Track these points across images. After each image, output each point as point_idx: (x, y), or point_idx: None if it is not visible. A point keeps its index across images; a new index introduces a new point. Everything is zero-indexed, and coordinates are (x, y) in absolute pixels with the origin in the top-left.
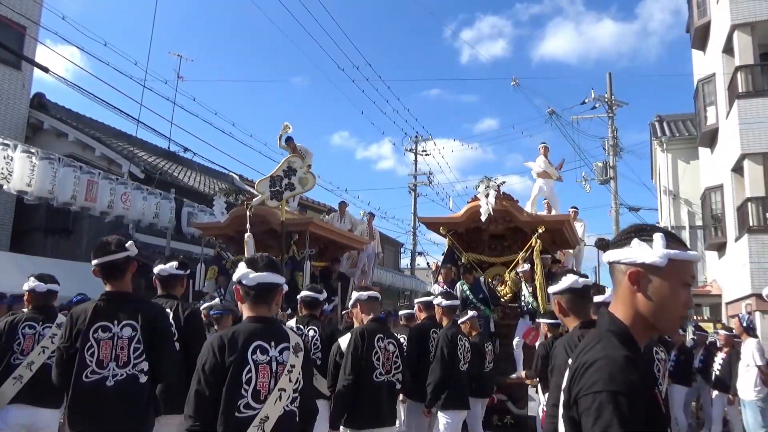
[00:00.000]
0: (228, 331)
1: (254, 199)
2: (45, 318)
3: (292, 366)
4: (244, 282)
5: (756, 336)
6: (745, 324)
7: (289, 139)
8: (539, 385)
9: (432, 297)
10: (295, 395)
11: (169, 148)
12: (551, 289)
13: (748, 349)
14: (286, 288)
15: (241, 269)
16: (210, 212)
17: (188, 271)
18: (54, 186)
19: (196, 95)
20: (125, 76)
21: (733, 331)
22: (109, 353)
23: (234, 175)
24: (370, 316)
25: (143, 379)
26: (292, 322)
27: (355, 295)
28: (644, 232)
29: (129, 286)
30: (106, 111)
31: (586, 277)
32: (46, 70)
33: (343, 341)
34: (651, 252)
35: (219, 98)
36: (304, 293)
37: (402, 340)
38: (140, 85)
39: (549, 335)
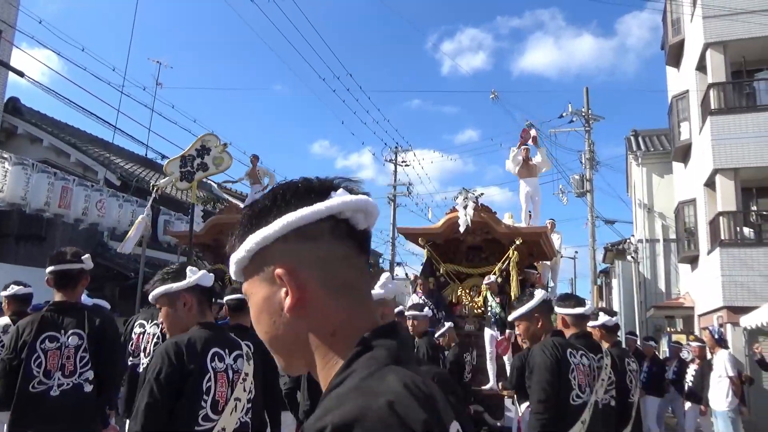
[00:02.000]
0: (182, 337)
1: (161, 180)
2: None
3: (246, 374)
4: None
5: (727, 347)
6: (716, 336)
7: (255, 157)
8: (515, 396)
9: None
10: (249, 405)
11: (146, 155)
12: (561, 310)
13: (720, 360)
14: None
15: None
16: (187, 220)
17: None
18: (27, 192)
19: (174, 102)
20: (103, 81)
21: (705, 343)
22: (56, 363)
23: (212, 183)
24: None
25: (88, 388)
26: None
27: None
28: None
29: (78, 298)
30: (82, 117)
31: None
32: (21, 74)
33: None
34: None
35: (198, 106)
36: (228, 298)
37: None
38: (118, 91)
39: (524, 346)
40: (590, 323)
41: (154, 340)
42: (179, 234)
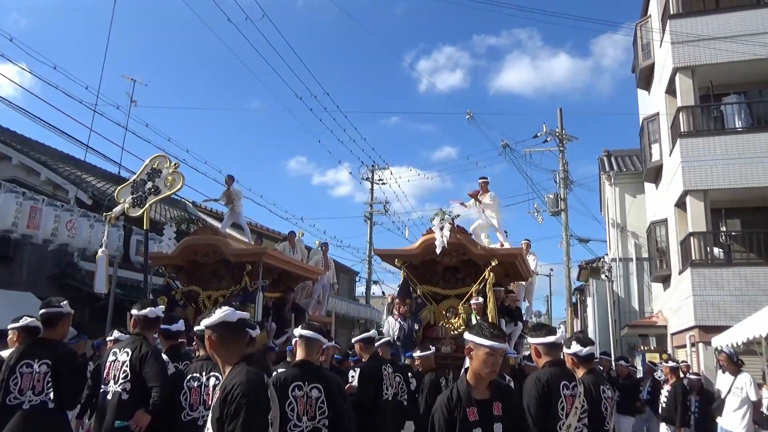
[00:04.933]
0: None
1: (114, 209)
2: None
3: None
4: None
5: (742, 369)
6: (734, 359)
7: (230, 177)
8: None
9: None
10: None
11: (119, 173)
12: (533, 340)
13: (742, 383)
14: None
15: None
16: (159, 240)
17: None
18: None
19: (149, 121)
20: (75, 100)
21: (681, 362)
22: (28, 384)
23: (187, 201)
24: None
25: (51, 405)
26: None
27: (296, 331)
28: None
29: (58, 335)
30: (53, 134)
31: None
32: None
33: None
34: None
35: (173, 124)
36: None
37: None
38: (91, 109)
39: None
40: (565, 351)
41: (123, 367)
42: (152, 255)
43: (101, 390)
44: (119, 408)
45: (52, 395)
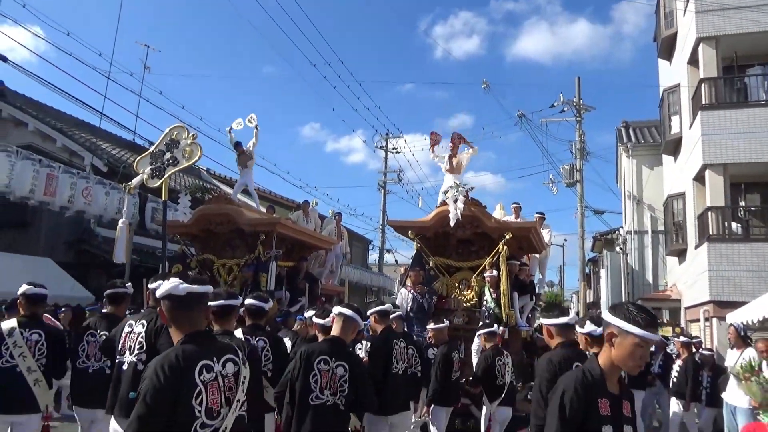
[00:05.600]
0: (169, 355)
1: (133, 180)
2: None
3: (245, 377)
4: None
5: (751, 344)
6: (741, 333)
7: (238, 145)
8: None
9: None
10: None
11: (134, 140)
12: (546, 321)
13: (748, 357)
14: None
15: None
16: (175, 208)
17: None
18: (11, 180)
19: (162, 88)
20: (89, 67)
21: (693, 338)
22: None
23: (201, 168)
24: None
25: (42, 369)
26: (238, 332)
27: (336, 308)
28: None
29: (121, 311)
30: (68, 101)
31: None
32: (4, 59)
33: None
34: None
35: (186, 91)
36: (249, 302)
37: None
38: (104, 76)
39: (486, 345)
40: (578, 330)
41: (139, 338)
42: (167, 223)
43: (117, 360)
44: (134, 378)
45: (43, 361)
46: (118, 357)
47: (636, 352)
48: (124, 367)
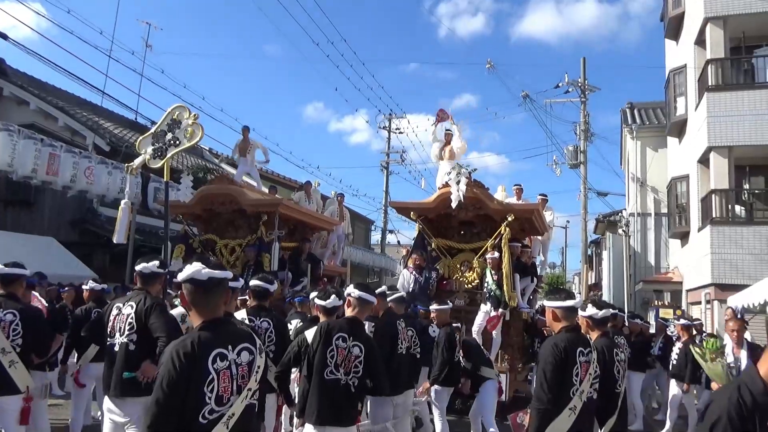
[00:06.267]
0: (184, 341)
1: (135, 161)
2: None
3: (259, 366)
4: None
5: (745, 328)
6: (739, 316)
7: (246, 128)
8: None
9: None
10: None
11: (136, 119)
12: (551, 303)
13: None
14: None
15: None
16: (177, 188)
17: (167, 270)
18: (13, 159)
19: (164, 67)
20: (90, 45)
21: (694, 320)
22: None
23: (204, 148)
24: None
25: (18, 350)
26: (242, 313)
27: (350, 291)
28: None
29: (154, 290)
30: (69, 80)
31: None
32: (5, 37)
33: (309, 334)
34: None
35: (188, 70)
36: (253, 283)
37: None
38: (106, 55)
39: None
40: (580, 314)
41: (128, 320)
42: (170, 204)
43: (107, 343)
44: (127, 359)
45: (19, 341)
46: (108, 339)
47: None
48: (116, 348)
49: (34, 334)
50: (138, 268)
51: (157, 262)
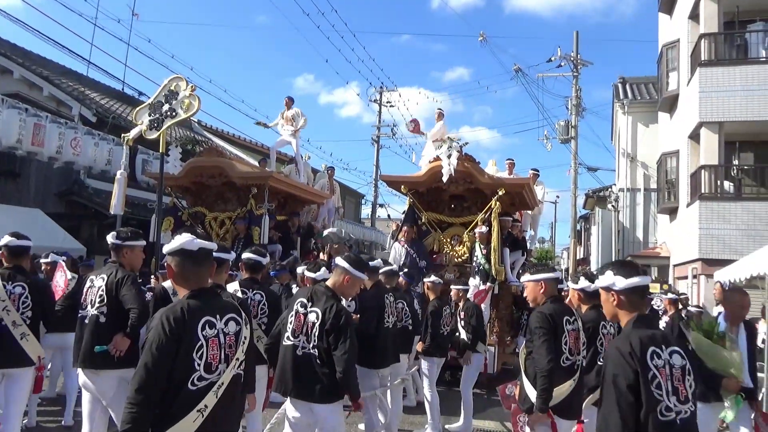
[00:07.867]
0: (175, 308)
1: (132, 132)
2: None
3: (245, 337)
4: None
5: None
6: (727, 290)
7: (291, 99)
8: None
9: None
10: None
11: (123, 90)
12: (536, 277)
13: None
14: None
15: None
16: (165, 160)
17: (141, 241)
18: None
19: (151, 36)
20: (75, 13)
21: (680, 294)
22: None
23: (192, 120)
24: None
25: (28, 323)
26: (234, 285)
27: (339, 261)
28: None
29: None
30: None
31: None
32: None
33: None
34: None
35: (176, 40)
36: (246, 255)
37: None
38: (91, 23)
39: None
40: (571, 286)
41: (99, 292)
42: (157, 175)
43: (79, 315)
44: (97, 332)
45: (29, 314)
46: (80, 311)
47: None
48: (86, 320)
49: (44, 306)
50: (110, 239)
51: (115, 233)
